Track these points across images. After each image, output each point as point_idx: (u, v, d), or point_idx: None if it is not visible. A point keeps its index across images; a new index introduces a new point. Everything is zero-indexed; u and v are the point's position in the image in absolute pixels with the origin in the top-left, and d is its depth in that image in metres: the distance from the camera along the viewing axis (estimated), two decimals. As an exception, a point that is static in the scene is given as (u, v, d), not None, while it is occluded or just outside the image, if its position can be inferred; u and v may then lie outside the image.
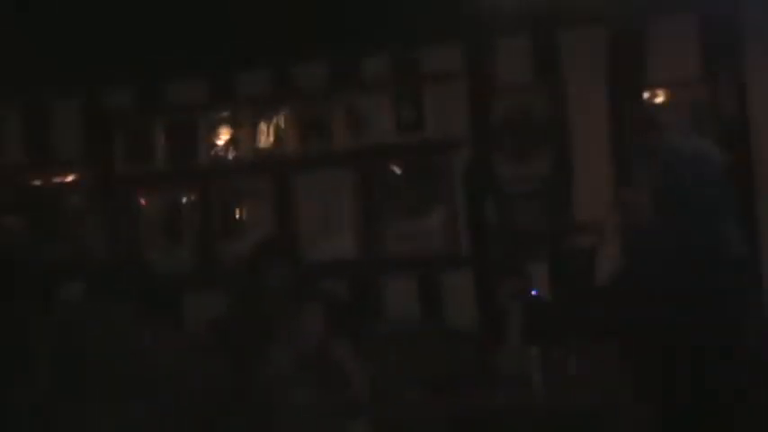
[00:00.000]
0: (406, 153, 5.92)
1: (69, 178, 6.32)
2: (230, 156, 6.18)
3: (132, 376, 4.14)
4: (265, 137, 6.12)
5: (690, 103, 5.48)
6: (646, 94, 5.56)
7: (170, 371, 4.28)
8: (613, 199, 3.73)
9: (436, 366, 5.07)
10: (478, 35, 5.71)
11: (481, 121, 5.82)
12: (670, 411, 2.86)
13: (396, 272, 5.86)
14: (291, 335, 4.40)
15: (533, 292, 5.26)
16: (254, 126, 6.13)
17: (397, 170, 5.95)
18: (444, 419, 4.61)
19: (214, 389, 4.20)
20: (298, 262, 4.94)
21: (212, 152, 6.19)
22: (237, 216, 6.16)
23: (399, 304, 5.78)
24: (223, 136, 6.19)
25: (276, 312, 4.47)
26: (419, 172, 5.92)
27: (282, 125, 6.08)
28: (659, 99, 5.56)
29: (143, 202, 6.28)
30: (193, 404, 4.13)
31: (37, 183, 6.34)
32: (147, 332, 4.35)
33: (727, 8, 5.32)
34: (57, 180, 6.33)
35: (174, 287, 5.47)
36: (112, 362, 4.12)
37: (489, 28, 5.57)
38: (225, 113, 6.18)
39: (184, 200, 6.24)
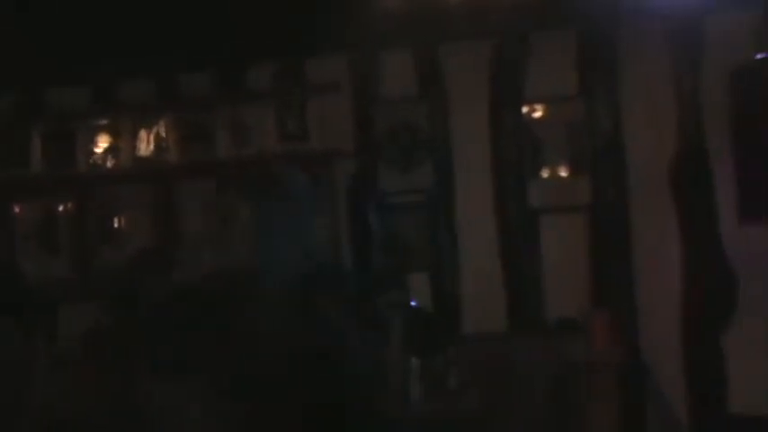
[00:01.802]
0: (290, 164, 5.90)
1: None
2: (110, 164, 6.06)
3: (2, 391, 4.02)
4: (146, 145, 6.02)
5: (566, 119, 5.61)
6: (524, 109, 5.67)
7: (42, 384, 4.17)
8: None
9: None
10: (363, 48, 5.73)
11: (365, 134, 5.85)
12: None
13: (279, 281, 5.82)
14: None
15: (413, 304, 5.29)
16: (135, 134, 6.03)
17: (281, 181, 5.92)
18: None
19: (87, 402, 4.11)
20: (176, 271, 4.87)
21: (91, 160, 6.07)
22: (116, 225, 6.04)
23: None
24: (102, 144, 6.07)
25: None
26: (302, 183, 5.91)
27: (164, 134, 6.00)
28: (537, 114, 5.67)
29: (17, 210, 6.11)
30: (65, 419, 4.03)
31: None
32: (19, 345, 4.23)
33: (604, 26, 5.46)
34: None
35: (48, 298, 5.33)
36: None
37: (373, 41, 5.61)
38: (105, 121, 6.07)
39: (61, 208, 6.10)
